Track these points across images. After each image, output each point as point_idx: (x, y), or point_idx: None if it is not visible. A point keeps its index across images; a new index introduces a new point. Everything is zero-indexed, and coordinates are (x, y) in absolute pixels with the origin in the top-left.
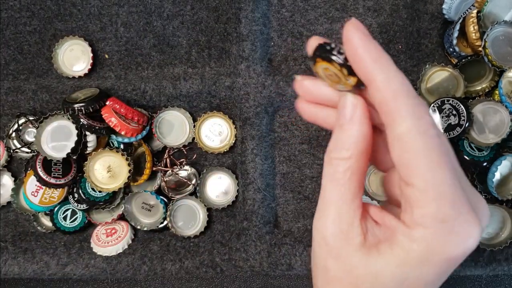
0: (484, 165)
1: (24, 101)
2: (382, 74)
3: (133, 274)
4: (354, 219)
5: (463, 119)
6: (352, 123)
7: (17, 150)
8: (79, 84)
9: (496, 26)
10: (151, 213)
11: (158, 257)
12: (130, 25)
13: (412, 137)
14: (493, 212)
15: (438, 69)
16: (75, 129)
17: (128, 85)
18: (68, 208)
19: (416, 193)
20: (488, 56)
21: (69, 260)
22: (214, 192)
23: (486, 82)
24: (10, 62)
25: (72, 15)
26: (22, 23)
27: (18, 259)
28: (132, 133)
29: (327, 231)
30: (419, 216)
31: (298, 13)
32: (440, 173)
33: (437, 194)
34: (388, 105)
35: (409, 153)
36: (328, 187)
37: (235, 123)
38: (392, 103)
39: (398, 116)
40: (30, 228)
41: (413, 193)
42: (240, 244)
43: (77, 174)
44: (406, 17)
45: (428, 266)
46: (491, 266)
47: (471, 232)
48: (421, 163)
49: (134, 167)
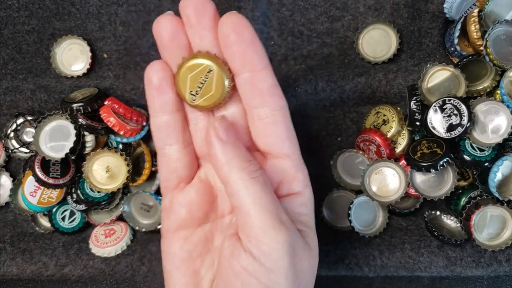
0: (485, 165)
1: (23, 101)
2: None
3: (132, 275)
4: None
5: (464, 119)
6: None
7: (15, 150)
8: (77, 83)
9: (497, 25)
10: (150, 214)
11: (157, 258)
12: (129, 24)
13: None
14: (494, 213)
15: (439, 68)
16: (73, 129)
17: (127, 84)
18: (66, 208)
19: (297, 159)
20: (489, 55)
21: (67, 261)
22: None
23: (488, 81)
24: (8, 62)
25: (70, 14)
26: (20, 23)
27: (17, 260)
28: (131, 133)
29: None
30: (305, 178)
31: (298, 12)
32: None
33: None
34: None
35: (289, 130)
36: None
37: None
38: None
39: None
40: (29, 228)
41: (294, 161)
42: None
43: (76, 174)
44: (407, 16)
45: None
46: (492, 267)
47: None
48: (295, 136)
49: (133, 168)
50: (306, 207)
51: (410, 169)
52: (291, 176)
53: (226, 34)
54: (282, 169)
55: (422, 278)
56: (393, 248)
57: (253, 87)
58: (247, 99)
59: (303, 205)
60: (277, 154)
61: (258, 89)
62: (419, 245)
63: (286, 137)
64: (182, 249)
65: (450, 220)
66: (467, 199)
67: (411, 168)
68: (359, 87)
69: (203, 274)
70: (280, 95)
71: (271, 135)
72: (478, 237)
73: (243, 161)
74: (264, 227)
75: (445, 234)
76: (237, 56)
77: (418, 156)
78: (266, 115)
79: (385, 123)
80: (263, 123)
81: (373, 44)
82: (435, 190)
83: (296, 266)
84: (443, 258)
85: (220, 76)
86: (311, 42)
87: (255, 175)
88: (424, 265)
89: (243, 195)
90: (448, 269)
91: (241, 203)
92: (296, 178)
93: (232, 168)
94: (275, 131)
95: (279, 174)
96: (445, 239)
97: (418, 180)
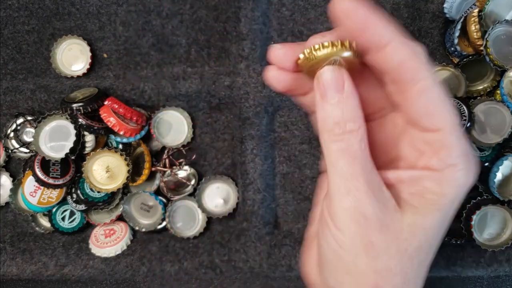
0: (485, 165)
1: (23, 101)
2: (397, 36)
3: (132, 275)
4: (381, 186)
5: (464, 118)
6: (350, 94)
7: (15, 150)
8: (77, 83)
9: (497, 25)
10: (149, 214)
11: (157, 258)
12: (129, 24)
13: (436, 89)
14: (495, 213)
15: (440, 68)
16: (73, 129)
17: (127, 84)
18: (66, 208)
19: (445, 136)
20: (490, 55)
21: (67, 261)
22: (213, 202)
23: (488, 81)
24: (8, 62)
25: (70, 14)
26: (20, 22)
27: (17, 260)
28: (131, 133)
29: (365, 206)
30: (450, 157)
31: (298, 12)
32: (456, 117)
33: (460, 134)
34: (408, 64)
35: (434, 102)
36: (344, 165)
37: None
38: (413, 62)
39: (420, 72)
40: (29, 228)
41: (441, 137)
42: (239, 245)
43: (76, 174)
44: (407, 16)
45: (457, 202)
46: (493, 267)
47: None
48: (446, 110)
49: (133, 167)
50: (439, 186)
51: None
52: (432, 150)
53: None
54: (425, 141)
55: None
56: None
57: (380, 64)
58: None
59: (437, 183)
60: (421, 128)
61: (388, 66)
62: None
63: (426, 113)
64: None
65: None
66: (467, 199)
67: None
68: None
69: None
70: (416, 68)
71: (408, 110)
72: (478, 237)
73: (331, 123)
74: (333, 188)
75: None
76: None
77: None
78: (402, 90)
79: None
80: (400, 96)
81: None
82: None
83: (371, 237)
84: (443, 258)
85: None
86: None
87: (335, 139)
88: None
89: (324, 154)
90: (448, 269)
91: (325, 161)
92: (437, 154)
93: (320, 128)
94: (413, 107)
95: (421, 144)
96: (445, 239)
97: None
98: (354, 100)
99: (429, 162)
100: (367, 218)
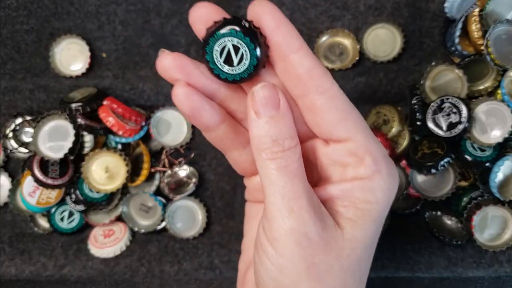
0: (486, 165)
1: (21, 101)
2: (305, 45)
3: (131, 276)
4: (319, 204)
5: (463, 116)
6: (286, 110)
7: (14, 150)
8: (76, 83)
9: (498, 25)
10: (149, 215)
11: (156, 259)
12: (128, 24)
13: (343, 96)
14: (495, 213)
15: (444, 69)
16: (72, 129)
17: (126, 84)
18: (65, 209)
19: (363, 143)
20: (491, 55)
21: (66, 261)
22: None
23: (489, 81)
24: (7, 62)
25: (69, 14)
26: (19, 22)
27: (15, 261)
28: (129, 133)
29: (308, 227)
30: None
31: (298, 12)
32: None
33: (375, 138)
34: (315, 71)
35: (344, 110)
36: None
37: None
38: (320, 69)
39: (327, 79)
40: (27, 229)
41: (360, 144)
42: (239, 245)
43: (75, 174)
44: (407, 15)
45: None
46: (493, 268)
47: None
48: (357, 116)
49: (132, 168)
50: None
51: (411, 169)
52: (356, 160)
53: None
54: (346, 152)
55: (422, 279)
56: (394, 248)
57: (288, 74)
58: (289, 89)
59: (368, 191)
60: (336, 139)
61: (295, 75)
62: (419, 245)
63: (338, 121)
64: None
65: (451, 220)
66: (468, 200)
67: (412, 168)
68: (360, 86)
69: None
70: (322, 77)
71: (321, 123)
72: (479, 237)
73: (268, 142)
74: (273, 209)
75: (446, 235)
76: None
77: (419, 156)
78: (311, 103)
79: (385, 123)
80: (310, 112)
81: (378, 43)
82: (436, 190)
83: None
84: (444, 259)
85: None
86: (311, 42)
87: (274, 157)
88: (424, 266)
89: (260, 175)
90: (449, 269)
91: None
92: (362, 162)
93: (255, 147)
94: (324, 118)
95: (343, 157)
96: (446, 240)
97: (419, 180)
98: (289, 117)
99: (357, 172)
100: (310, 239)
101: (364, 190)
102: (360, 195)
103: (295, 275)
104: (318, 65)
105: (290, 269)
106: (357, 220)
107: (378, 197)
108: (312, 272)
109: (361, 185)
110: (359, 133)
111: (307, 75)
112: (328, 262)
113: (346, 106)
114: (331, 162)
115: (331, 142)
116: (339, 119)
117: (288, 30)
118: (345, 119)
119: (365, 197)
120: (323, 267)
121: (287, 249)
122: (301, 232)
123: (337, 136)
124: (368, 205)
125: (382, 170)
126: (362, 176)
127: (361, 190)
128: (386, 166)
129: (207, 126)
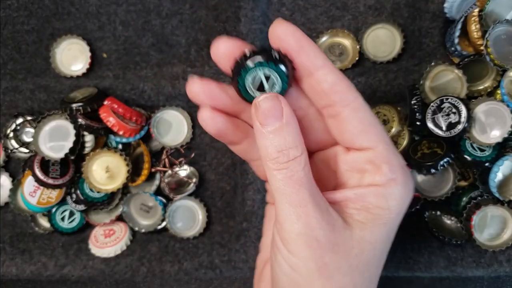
0: (485, 165)
1: (22, 101)
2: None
3: (131, 275)
4: (328, 207)
5: (463, 116)
6: (290, 120)
7: (14, 150)
8: (77, 83)
9: (498, 25)
10: (149, 215)
11: (156, 258)
12: (128, 24)
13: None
14: (495, 213)
15: (444, 69)
16: (73, 129)
17: (127, 84)
18: (66, 209)
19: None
20: (490, 55)
21: (67, 261)
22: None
23: (488, 81)
24: (7, 62)
25: (70, 14)
26: (20, 22)
27: (16, 260)
28: (130, 133)
29: (316, 231)
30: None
31: (298, 12)
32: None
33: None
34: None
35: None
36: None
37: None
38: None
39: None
40: (28, 229)
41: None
42: (239, 245)
43: (75, 174)
44: (407, 16)
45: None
46: (493, 267)
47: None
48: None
49: (133, 168)
50: (386, 200)
51: (411, 169)
52: (374, 167)
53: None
54: (365, 160)
55: (422, 279)
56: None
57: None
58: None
59: (382, 198)
60: (358, 148)
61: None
62: (419, 245)
63: (360, 131)
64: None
65: (451, 220)
66: (467, 199)
67: (412, 168)
68: (359, 86)
69: None
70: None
71: (344, 133)
72: (478, 237)
73: (274, 152)
74: (283, 214)
75: (445, 234)
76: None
77: (418, 156)
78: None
79: (385, 123)
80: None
81: (378, 44)
82: (435, 190)
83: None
84: (443, 258)
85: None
86: None
87: (279, 168)
88: (424, 265)
89: (269, 182)
90: (449, 269)
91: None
92: (380, 169)
93: (262, 156)
94: (348, 127)
95: (362, 164)
96: (446, 239)
97: (419, 180)
98: (294, 126)
99: (373, 179)
100: (319, 241)
101: (378, 196)
102: (373, 200)
103: (307, 273)
104: (342, 79)
105: (302, 268)
106: (367, 222)
107: (391, 204)
108: (323, 271)
109: (376, 191)
110: (380, 143)
111: (332, 90)
112: (337, 261)
113: (368, 117)
114: (350, 168)
115: (352, 149)
116: (361, 130)
117: (311, 49)
118: (366, 130)
119: (378, 203)
120: (332, 266)
121: (298, 250)
122: (309, 235)
123: (359, 145)
124: (380, 210)
125: (398, 179)
126: (378, 183)
127: (375, 196)
128: (402, 176)
129: (231, 141)
